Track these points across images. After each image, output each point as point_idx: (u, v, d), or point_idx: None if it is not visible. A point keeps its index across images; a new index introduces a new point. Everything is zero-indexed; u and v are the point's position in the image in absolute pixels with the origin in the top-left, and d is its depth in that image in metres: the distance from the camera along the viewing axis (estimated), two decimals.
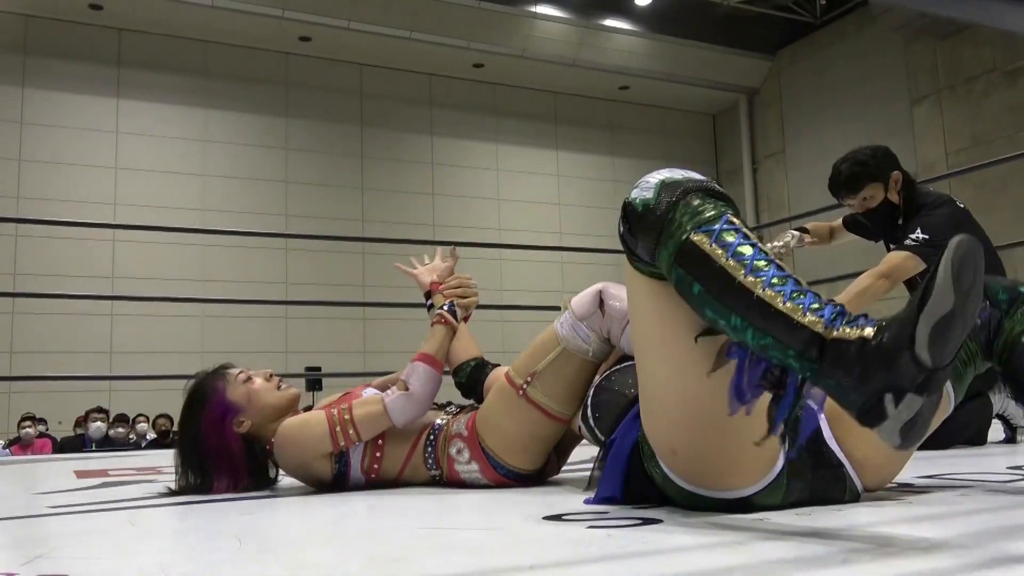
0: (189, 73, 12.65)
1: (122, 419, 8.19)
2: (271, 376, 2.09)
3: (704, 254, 1.18)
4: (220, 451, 1.95)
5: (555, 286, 13.67)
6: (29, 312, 10.70)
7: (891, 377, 1.05)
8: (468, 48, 13.36)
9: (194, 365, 9.80)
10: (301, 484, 2.09)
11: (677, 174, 1.31)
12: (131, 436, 8.11)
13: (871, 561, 0.99)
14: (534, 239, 13.35)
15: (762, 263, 1.16)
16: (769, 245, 3.31)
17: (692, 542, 1.17)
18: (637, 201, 1.28)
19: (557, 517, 1.45)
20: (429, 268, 2.40)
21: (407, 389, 1.92)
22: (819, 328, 1.12)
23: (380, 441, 1.96)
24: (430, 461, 1.98)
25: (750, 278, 1.15)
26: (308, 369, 10.52)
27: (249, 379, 2.05)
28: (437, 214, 13.98)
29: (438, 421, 2.01)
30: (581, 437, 1.94)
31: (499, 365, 2.17)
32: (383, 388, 2.06)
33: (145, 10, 11.79)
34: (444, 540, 1.33)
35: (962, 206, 3.00)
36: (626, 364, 1.75)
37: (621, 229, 1.31)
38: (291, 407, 2.04)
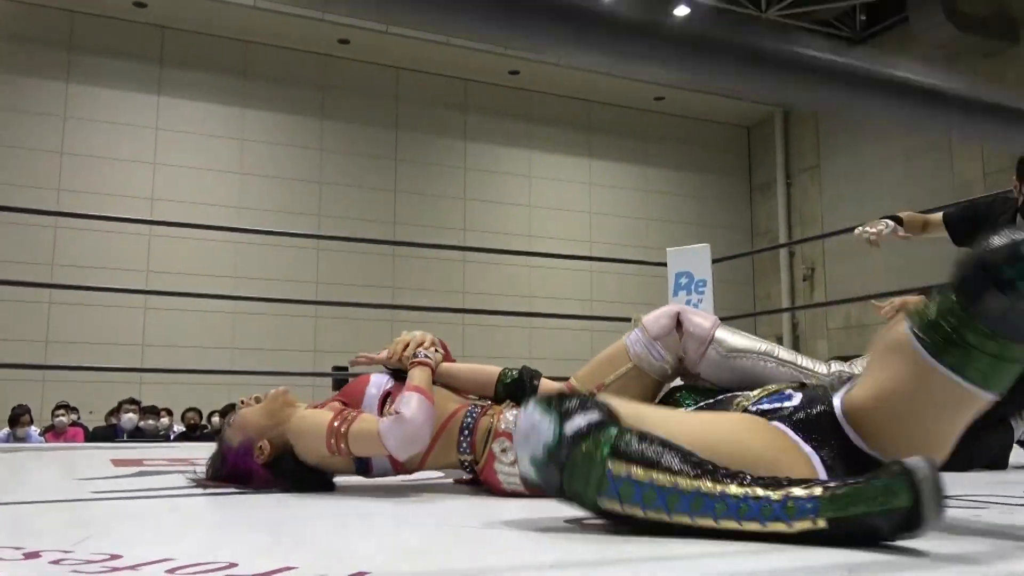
0: (229, 72, 12.85)
1: (152, 411, 8.34)
2: (243, 401, 2.13)
3: None
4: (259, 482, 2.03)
5: (584, 294, 13.72)
6: (64, 303, 10.91)
7: None
8: (504, 54, 13.45)
9: (224, 361, 9.97)
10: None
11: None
12: (160, 428, 8.26)
13: (876, 572, 1.04)
14: (564, 247, 13.38)
15: None
16: (859, 230, 3.26)
17: (706, 550, 1.22)
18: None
19: (578, 521, 1.50)
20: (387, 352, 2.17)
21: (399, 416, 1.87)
22: None
23: None
24: (464, 445, 1.94)
25: None
26: (335, 368, 10.63)
27: (234, 416, 2.12)
28: (469, 218, 14.06)
29: (470, 407, 1.99)
30: None
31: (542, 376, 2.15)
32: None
33: (188, 9, 12.00)
34: (469, 537, 1.39)
35: None
36: (721, 397, 1.69)
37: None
38: (283, 405, 2.04)
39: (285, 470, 1.99)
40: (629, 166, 15.68)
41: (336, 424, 1.87)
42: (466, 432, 1.94)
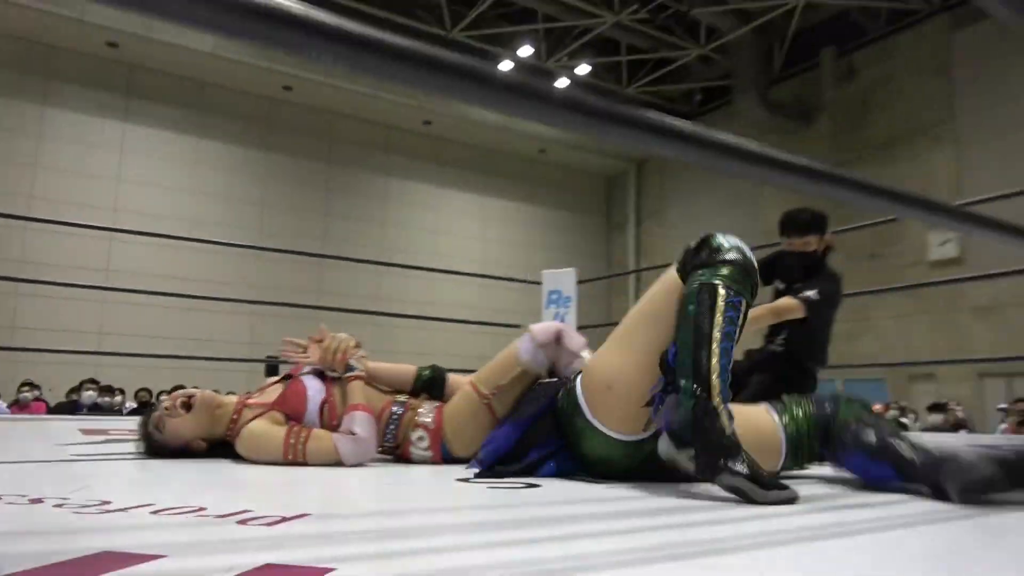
0: (187, 107, 12.42)
1: (109, 389, 7.94)
2: (177, 400, 1.95)
3: (714, 297, 1.44)
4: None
5: (475, 303, 13.81)
6: (33, 295, 10.29)
7: (711, 460, 1.35)
8: (420, 107, 13.50)
9: (173, 348, 9.54)
10: None
11: (748, 251, 1.53)
12: (115, 404, 7.86)
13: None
14: (462, 264, 13.52)
15: (729, 337, 1.43)
16: None
17: (561, 497, 1.33)
18: (717, 239, 1.51)
19: (465, 481, 1.60)
20: (319, 355, 2.06)
21: (352, 434, 1.83)
22: (715, 393, 1.38)
23: (336, 423, 1.89)
24: (389, 435, 1.95)
25: (716, 333, 1.41)
26: (268, 357, 10.37)
27: (161, 421, 1.93)
28: (386, 239, 14.01)
29: (394, 408, 1.97)
30: None
31: (448, 370, 2.18)
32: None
33: (154, 51, 11.56)
34: (391, 489, 1.46)
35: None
36: (546, 380, 1.90)
37: (691, 245, 1.53)
38: (210, 409, 1.93)
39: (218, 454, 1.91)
40: (516, 204, 15.97)
41: (292, 442, 1.81)
42: (392, 426, 1.94)
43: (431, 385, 2.08)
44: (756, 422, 1.58)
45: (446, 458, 1.93)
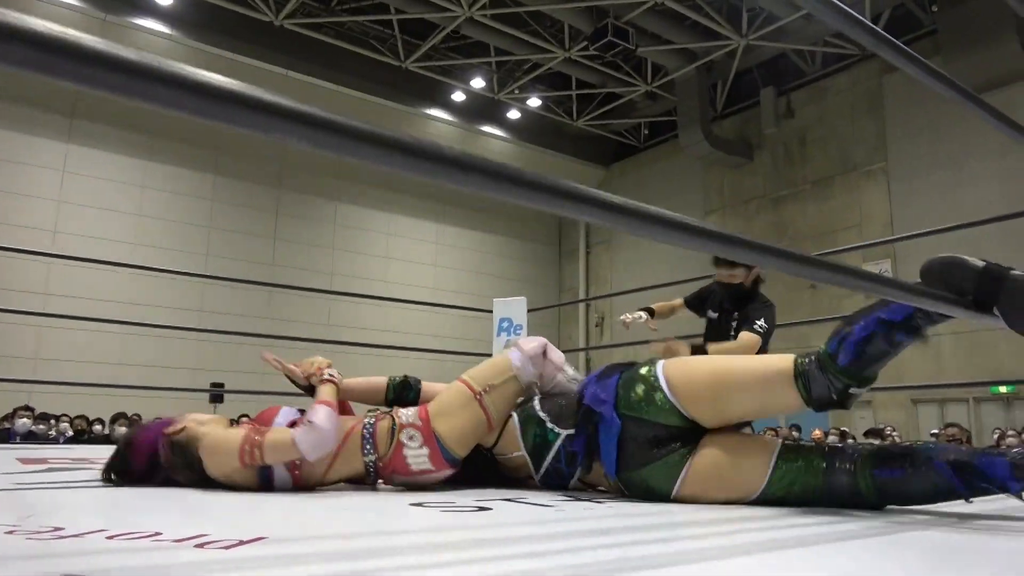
0: (134, 129, 12.17)
1: (45, 417, 7.63)
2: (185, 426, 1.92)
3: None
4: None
5: (427, 330, 13.76)
6: None
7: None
8: None
9: (113, 376, 9.26)
10: None
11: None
12: (51, 433, 7.55)
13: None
14: (413, 292, 13.43)
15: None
16: (622, 317, 3.44)
17: (513, 520, 1.37)
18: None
19: (419, 504, 1.62)
20: (304, 371, 2.08)
21: (310, 423, 1.79)
22: None
23: None
24: (368, 448, 1.89)
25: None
26: (213, 384, 10.11)
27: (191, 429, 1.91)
28: (336, 264, 13.88)
29: (366, 420, 1.94)
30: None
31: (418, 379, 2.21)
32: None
33: None
34: (356, 514, 1.47)
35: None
36: (549, 391, 1.98)
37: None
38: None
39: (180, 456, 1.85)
40: (468, 231, 16.03)
41: (252, 435, 1.78)
42: (368, 438, 1.90)
43: (404, 390, 2.11)
44: (750, 448, 1.64)
45: (445, 457, 1.88)
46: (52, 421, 7.71)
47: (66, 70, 0.49)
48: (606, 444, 1.70)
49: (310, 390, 2.04)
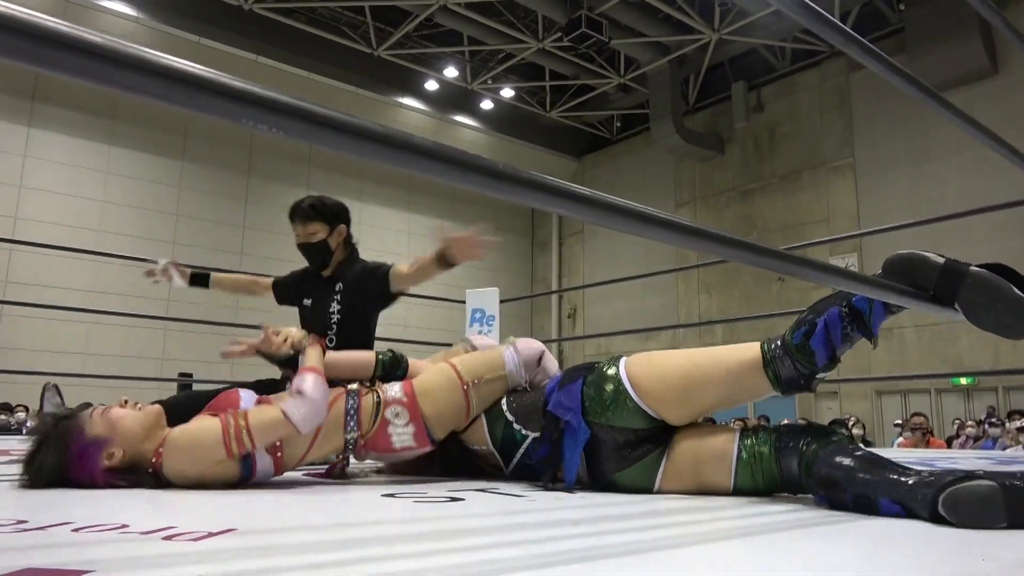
0: (98, 113, 11.91)
1: (6, 407, 7.48)
2: (126, 402, 1.71)
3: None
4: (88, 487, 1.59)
5: (400, 321, 13.68)
6: None
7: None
8: None
9: (78, 363, 9.14)
10: None
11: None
12: (12, 423, 7.40)
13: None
14: None
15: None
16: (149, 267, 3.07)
17: (484, 510, 1.38)
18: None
19: (392, 496, 1.62)
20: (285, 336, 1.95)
21: (300, 393, 1.67)
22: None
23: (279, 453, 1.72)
24: (351, 424, 1.81)
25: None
26: (181, 375, 9.98)
27: (106, 410, 1.66)
28: None
29: (348, 396, 1.85)
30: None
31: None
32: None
33: None
34: (325, 505, 1.47)
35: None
36: (521, 390, 1.97)
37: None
38: (157, 423, 1.67)
39: (126, 477, 1.61)
40: (441, 221, 15.93)
41: (232, 420, 1.62)
42: (351, 413, 1.82)
43: (394, 368, 2.06)
44: (713, 439, 1.65)
45: (429, 436, 1.85)
46: (14, 410, 7.55)
47: (24, 52, 0.47)
48: (569, 452, 1.69)
49: (288, 362, 1.91)
